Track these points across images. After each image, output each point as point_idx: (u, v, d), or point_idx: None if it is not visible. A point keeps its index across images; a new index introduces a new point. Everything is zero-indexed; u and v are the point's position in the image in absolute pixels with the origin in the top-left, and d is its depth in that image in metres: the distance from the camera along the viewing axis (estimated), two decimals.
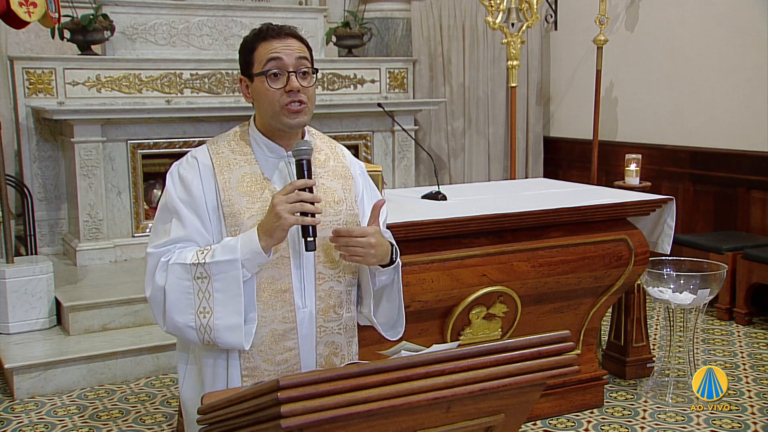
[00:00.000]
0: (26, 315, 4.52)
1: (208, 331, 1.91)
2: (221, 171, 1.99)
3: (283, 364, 2.01)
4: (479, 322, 3.39)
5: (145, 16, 5.96)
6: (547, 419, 3.69)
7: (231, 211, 1.97)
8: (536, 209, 3.44)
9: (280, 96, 1.96)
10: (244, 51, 2.03)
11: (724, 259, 4.90)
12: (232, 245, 1.91)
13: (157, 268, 1.94)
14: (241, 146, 2.04)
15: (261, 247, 1.89)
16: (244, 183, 1.99)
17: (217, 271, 1.90)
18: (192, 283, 1.91)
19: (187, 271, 1.91)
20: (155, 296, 1.95)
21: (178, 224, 1.96)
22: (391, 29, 7.15)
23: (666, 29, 6.04)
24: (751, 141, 5.43)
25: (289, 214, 1.87)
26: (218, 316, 1.90)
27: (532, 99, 7.21)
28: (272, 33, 1.99)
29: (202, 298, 1.91)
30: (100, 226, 5.47)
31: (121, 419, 3.83)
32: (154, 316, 1.97)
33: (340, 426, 1.45)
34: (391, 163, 6.61)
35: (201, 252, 1.92)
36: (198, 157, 2.02)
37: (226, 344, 1.93)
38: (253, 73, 2.00)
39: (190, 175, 1.99)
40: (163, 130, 5.67)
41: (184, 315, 1.92)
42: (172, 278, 1.91)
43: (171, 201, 1.98)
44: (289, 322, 2.00)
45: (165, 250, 1.95)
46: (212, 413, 1.68)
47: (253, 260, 1.91)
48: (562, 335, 1.67)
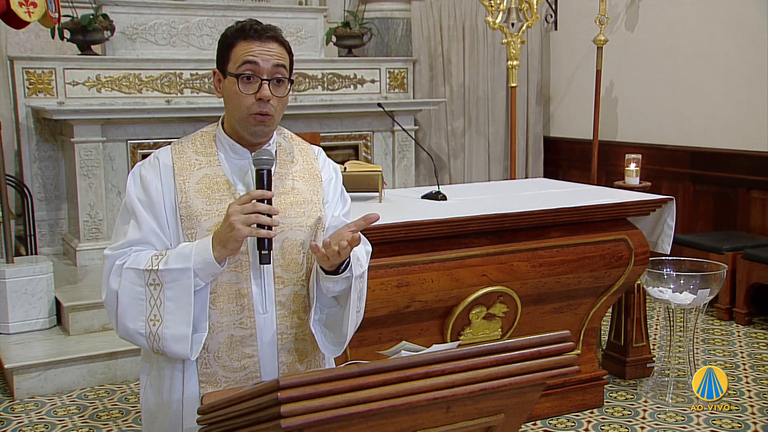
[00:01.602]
0: (26, 315, 4.52)
1: (157, 339, 1.86)
2: (180, 172, 1.94)
3: (241, 371, 1.95)
4: (479, 322, 3.39)
5: (145, 16, 5.96)
6: (547, 419, 3.69)
7: (188, 213, 1.91)
8: (536, 209, 3.44)
9: (250, 102, 1.90)
10: (222, 44, 1.96)
11: (724, 259, 4.90)
12: (186, 253, 1.85)
13: (112, 270, 1.90)
14: (206, 147, 1.99)
15: (214, 257, 1.83)
16: (203, 185, 1.93)
17: (170, 279, 1.85)
18: (144, 289, 1.86)
19: (140, 276, 1.86)
20: (109, 300, 1.91)
21: (135, 226, 1.91)
22: (391, 29, 7.15)
23: (666, 29, 6.04)
24: (751, 141, 5.43)
25: (243, 225, 1.79)
26: (167, 325, 1.86)
27: (532, 99, 7.21)
28: (254, 33, 1.91)
29: (153, 306, 1.87)
30: (100, 226, 5.47)
31: (121, 419, 3.83)
32: (109, 318, 1.94)
33: (340, 426, 1.45)
34: (391, 163, 6.61)
35: (156, 257, 1.87)
36: (159, 158, 1.97)
37: (173, 354, 1.89)
38: (226, 70, 1.94)
39: (150, 175, 1.94)
40: (163, 130, 5.67)
41: (135, 321, 1.87)
42: (125, 283, 1.87)
43: (130, 201, 1.93)
44: (248, 328, 1.93)
45: (121, 252, 1.90)
46: (212, 413, 1.68)
47: (206, 270, 1.85)
48: (562, 335, 1.67)
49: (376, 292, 3.05)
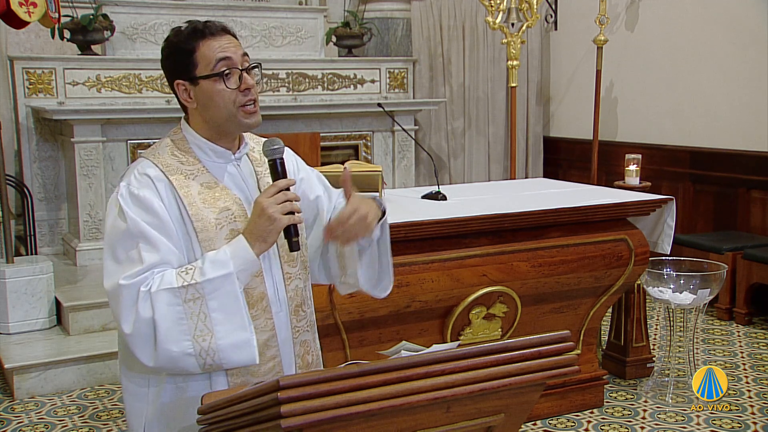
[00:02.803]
0: (26, 315, 4.52)
1: (211, 354, 1.78)
2: (180, 185, 1.86)
3: (269, 374, 1.94)
4: (479, 322, 3.39)
5: (145, 16, 5.96)
6: (547, 419, 3.69)
7: (202, 225, 1.85)
8: (536, 209, 3.44)
9: (235, 96, 1.87)
10: (177, 52, 1.89)
11: (724, 259, 4.90)
12: (222, 259, 1.80)
13: (138, 299, 1.76)
14: (185, 155, 1.92)
15: (255, 255, 1.82)
16: (205, 194, 1.89)
17: (212, 289, 1.77)
18: (183, 307, 1.76)
19: (176, 295, 1.76)
20: (139, 330, 1.76)
21: (149, 248, 1.79)
22: (391, 29, 7.15)
23: (666, 29, 6.04)
24: (751, 141, 5.43)
25: (281, 215, 1.80)
26: (220, 336, 1.78)
27: (532, 99, 7.21)
28: (210, 31, 1.89)
29: (198, 321, 1.77)
30: (100, 226, 5.46)
31: (121, 419, 3.82)
32: (135, 352, 1.78)
33: (340, 426, 1.45)
34: (391, 163, 6.61)
35: (184, 272, 1.79)
36: (149, 174, 1.86)
37: (233, 363, 1.81)
38: (197, 75, 1.87)
39: (146, 193, 1.83)
40: (163, 130, 5.62)
41: (180, 343, 1.76)
42: (160, 306, 1.75)
43: (134, 225, 1.80)
44: (269, 330, 1.93)
45: (142, 278, 1.77)
46: (212, 413, 1.68)
47: (247, 270, 1.83)
48: (562, 335, 1.67)
49: None
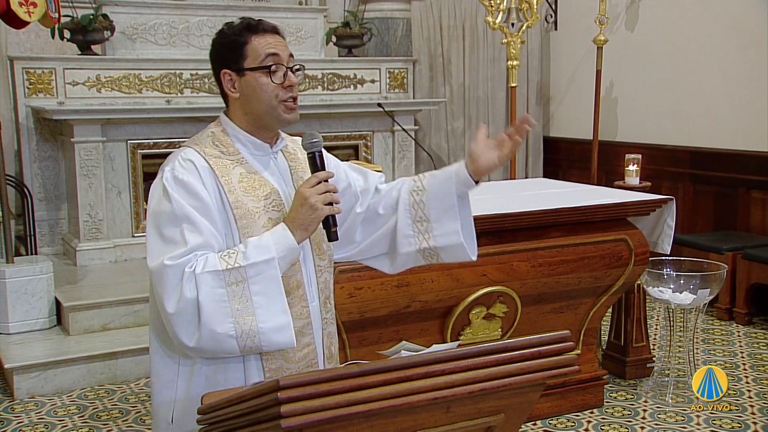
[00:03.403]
0: (26, 315, 4.52)
1: (252, 336, 1.83)
2: (221, 173, 1.94)
3: (303, 360, 2.02)
4: (479, 322, 3.39)
5: (145, 16, 5.96)
6: (547, 419, 3.69)
7: (242, 212, 1.93)
8: (536, 209, 3.44)
9: (278, 91, 1.96)
10: (230, 43, 1.98)
11: (724, 259, 4.90)
12: (265, 244, 1.87)
13: (183, 279, 1.82)
14: (227, 146, 2.00)
15: (296, 242, 1.90)
16: (244, 182, 1.96)
17: (254, 273, 1.84)
18: (226, 290, 1.83)
19: (219, 278, 1.82)
20: (184, 310, 1.82)
21: (193, 231, 1.86)
22: (391, 29, 7.15)
23: (666, 29, 6.03)
24: (751, 141, 5.43)
25: (322, 205, 1.89)
26: (262, 319, 1.84)
27: (532, 99, 7.21)
28: (263, 28, 1.99)
29: (240, 304, 1.83)
30: (100, 226, 5.47)
31: (121, 419, 3.83)
32: (176, 331, 1.84)
33: (341, 426, 1.45)
34: (391, 163, 6.61)
35: (227, 256, 1.85)
36: (193, 160, 1.94)
37: (274, 346, 1.88)
38: (245, 66, 1.96)
39: (190, 178, 1.90)
40: (163, 130, 5.67)
41: (223, 324, 1.82)
42: (204, 288, 1.81)
43: (179, 208, 1.86)
44: (305, 318, 2.02)
45: (186, 260, 1.83)
46: (212, 413, 1.68)
47: (288, 257, 1.90)
48: (562, 335, 1.67)
49: (376, 292, 3.05)
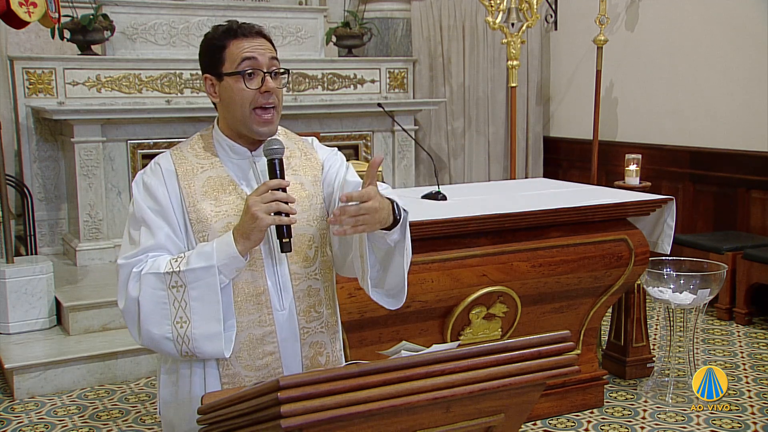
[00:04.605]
0: (26, 315, 4.52)
1: (186, 341, 1.86)
2: (184, 176, 1.96)
3: (263, 369, 1.97)
4: (479, 322, 3.39)
5: (145, 16, 5.96)
6: (547, 419, 3.69)
7: (197, 216, 1.93)
8: (536, 209, 3.44)
9: (254, 96, 1.92)
10: (210, 48, 1.98)
11: (724, 259, 4.90)
12: (207, 251, 1.86)
13: (129, 278, 1.88)
14: (206, 150, 2.00)
15: (238, 251, 1.85)
16: (208, 187, 1.95)
17: (193, 279, 1.85)
18: (167, 293, 1.86)
19: (161, 280, 1.86)
20: (129, 308, 1.88)
21: (148, 233, 1.91)
22: (391, 29, 7.15)
23: (666, 29, 6.03)
24: (751, 141, 5.43)
25: (265, 214, 1.81)
26: (196, 325, 1.86)
27: (532, 99, 7.21)
28: (243, 31, 1.96)
29: (178, 308, 1.86)
30: (100, 226, 5.47)
31: (121, 419, 3.83)
32: (129, 329, 1.92)
33: (340, 426, 1.45)
34: (391, 163, 6.61)
35: (174, 260, 1.88)
36: (161, 164, 1.98)
37: (206, 354, 1.88)
38: (223, 71, 1.94)
39: (154, 182, 1.95)
40: (163, 130, 5.67)
41: (161, 326, 1.86)
42: (146, 288, 1.86)
43: (139, 210, 1.93)
44: (267, 326, 1.96)
45: (136, 260, 1.89)
46: (212, 413, 1.68)
47: (231, 265, 1.87)
48: (562, 335, 1.67)
49: None
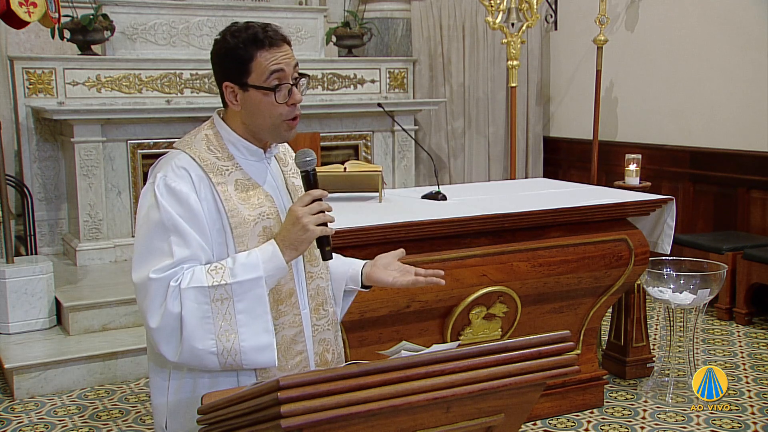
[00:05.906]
0: (26, 315, 4.52)
1: (233, 354, 1.81)
2: (218, 180, 1.89)
3: (295, 369, 1.99)
4: (479, 322, 3.39)
5: (145, 16, 5.96)
6: (547, 419, 3.69)
7: (238, 221, 1.89)
8: (536, 209, 3.44)
9: (283, 110, 1.91)
10: (234, 57, 1.89)
11: (724, 259, 4.90)
12: (253, 262, 1.83)
13: (168, 294, 1.79)
14: (221, 151, 1.95)
15: (285, 262, 1.85)
16: (239, 190, 1.92)
17: (240, 291, 1.81)
18: (211, 306, 1.80)
19: (205, 294, 1.79)
20: (167, 324, 1.79)
21: (181, 243, 1.82)
22: (391, 29, 7.15)
23: (666, 29, 6.03)
24: (751, 141, 5.43)
25: (315, 226, 1.84)
26: (243, 338, 1.81)
27: (532, 99, 7.21)
28: (269, 41, 1.88)
29: (224, 321, 1.80)
30: (100, 226, 5.47)
31: (121, 419, 3.83)
32: (159, 346, 1.82)
33: (340, 426, 1.45)
34: (391, 163, 6.61)
35: (214, 271, 1.82)
36: (186, 167, 1.89)
37: (255, 365, 1.86)
38: (249, 83, 1.89)
39: (183, 187, 1.85)
40: (163, 130, 5.67)
41: (205, 341, 1.79)
42: (189, 303, 1.78)
43: (168, 218, 1.82)
44: (297, 326, 1.99)
45: (172, 273, 1.80)
46: (212, 413, 1.68)
47: (276, 276, 1.86)
48: (562, 335, 1.67)
49: (377, 292, 3.04)
